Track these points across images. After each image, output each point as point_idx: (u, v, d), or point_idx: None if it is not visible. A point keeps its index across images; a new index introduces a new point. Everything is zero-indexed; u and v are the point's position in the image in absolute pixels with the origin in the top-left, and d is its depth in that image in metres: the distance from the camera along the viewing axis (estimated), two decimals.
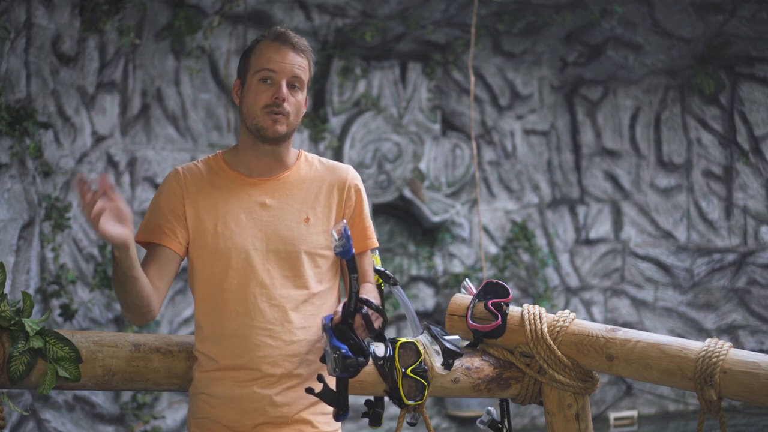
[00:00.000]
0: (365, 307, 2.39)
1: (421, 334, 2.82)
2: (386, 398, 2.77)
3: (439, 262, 7.99)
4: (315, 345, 2.55)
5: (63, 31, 5.65)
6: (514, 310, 2.83)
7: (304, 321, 2.54)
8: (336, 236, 2.35)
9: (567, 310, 2.82)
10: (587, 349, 2.69)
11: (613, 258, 8.42)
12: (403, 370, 2.69)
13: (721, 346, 2.51)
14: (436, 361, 2.76)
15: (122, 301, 2.50)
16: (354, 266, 2.37)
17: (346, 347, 2.37)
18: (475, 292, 2.88)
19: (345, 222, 2.40)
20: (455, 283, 7.84)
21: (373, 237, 2.69)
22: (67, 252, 5.85)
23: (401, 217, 7.98)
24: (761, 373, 2.40)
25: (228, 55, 6.83)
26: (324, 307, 2.58)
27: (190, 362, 2.63)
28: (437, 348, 2.79)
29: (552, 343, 2.72)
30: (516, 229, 8.16)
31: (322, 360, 2.42)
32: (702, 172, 8.36)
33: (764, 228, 8.18)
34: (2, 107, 5.13)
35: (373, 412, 2.73)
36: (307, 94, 2.64)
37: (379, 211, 7.74)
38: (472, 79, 6.51)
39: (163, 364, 2.64)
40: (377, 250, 2.82)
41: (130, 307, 2.50)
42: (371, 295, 2.60)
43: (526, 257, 8.16)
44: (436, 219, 7.93)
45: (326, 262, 2.61)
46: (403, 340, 2.73)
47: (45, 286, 5.60)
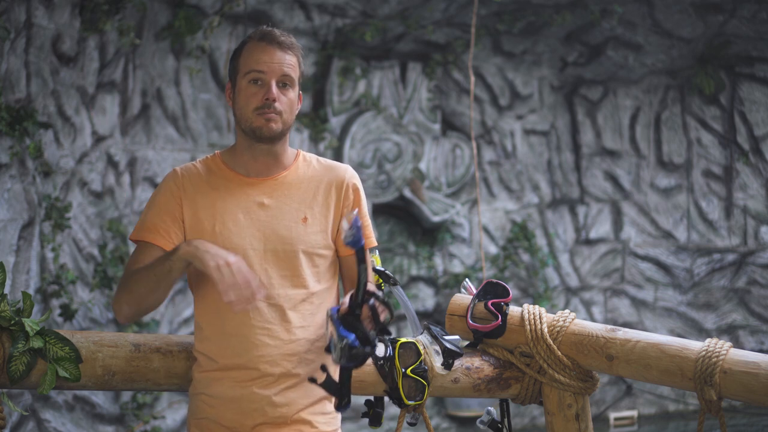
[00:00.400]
0: (372, 299, 2.39)
1: (421, 334, 2.82)
2: (386, 398, 2.77)
3: (439, 262, 7.99)
4: (314, 344, 2.55)
5: (63, 31, 5.65)
6: (514, 310, 2.83)
7: (302, 320, 2.54)
8: (347, 226, 2.35)
9: (567, 310, 2.82)
10: (587, 349, 2.69)
11: (613, 258, 8.41)
12: (403, 370, 2.70)
13: (721, 346, 2.52)
14: (436, 361, 2.76)
15: (136, 298, 2.48)
16: (363, 257, 2.36)
17: (353, 336, 2.36)
18: (475, 292, 2.89)
19: (356, 212, 2.40)
20: (455, 283, 7.84)
21: (372, 237, 2.68)
22: (67, 252, 5.85)
23: (401, 217, 7.98)
24: (761, 373, 2.40)
25: (228, 55, 6.83)
26: (323, 307, 2.58)
27: (190, 362, 2.63)
28: (437, 348, 2.79)
29: (552, 343, 2.72)
30: (516, 229, 8.15)
31: (327, 350, 2.42)
32: (702, 172, 8.35)
33: (764, 228, 8.17)
34: (2, 107, 5.13)
35: (373, 412, 2.73)
36: (300, 91, 2.64)
37: (379, 211, 7.74)
38: (472, 79, 6.51)
39: (163, 364, 2.64)
40: (377, 250, 2.82)
41: (141, 304, 2.49)
42: None
43: (526, 257, 8.16)
44: (436, 219, 7.93)
45: (324, 261, 2.60)
46: (403, 340, 2.74)
47: (45, 286, 5.59)
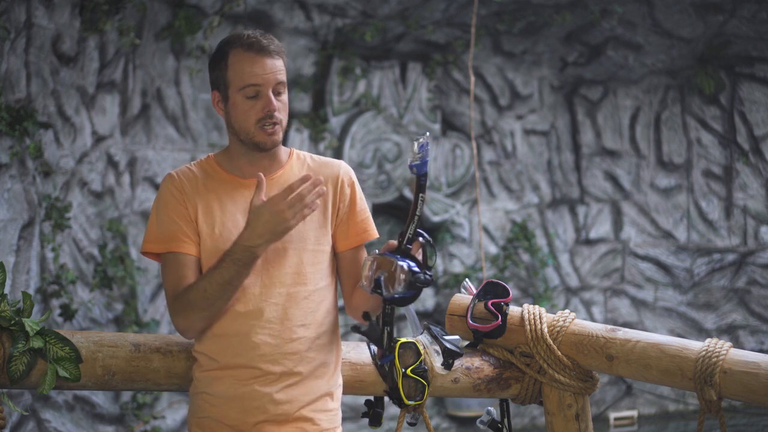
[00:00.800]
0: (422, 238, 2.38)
1: (421, 334, 2.82)
2: (386, 398, 2.77)
3: (439, 262, 7.99)
4: (314, 342, 2.55)
5: (63, 31, 5.65)
6: (514, 310, 2.83)
7: (303, 318, 2.54)
8: (416, 148, 2.32)
9: (567, 310, 2.82)
10: (587, 349, 2.69)
11: (613, 258, 8.41)
12: (403, 370, 2.69)
13: (721, 346, 2.52)
14: (436, 361, 2.76)
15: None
16: (424, 185, 2.34)
17: (414, 263, 2.33)
18: (475, 292, 2.89)
19: (428, 134, 2.38)
20: (455, 283, 7.84)
21: (373, 229, 2.65)
22: (67, 252, 5.85)
23: (401, 217, 7.98)
24: (761, 373, 2.40)
25: None
26: (323, 304, 2.57)
27: (190, 362, 2.63)
28: (437, 348, 2.79)
29: (552, 343, 2.72)
30: (516, 229, 8.15)
31: (375, 290, 2.38)
32: (702, 172, 8.35)
33: (764, 228, 8.17)
34: (2, 107, 5.13)
35: (373, 412, 2.73)
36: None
37: (379, 211, 7.74)
38: (472, 79, 6.51)
39: (163, 364, 2.64)
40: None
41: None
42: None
43: (526, 257, 8.16)
44: (436, 219, 7.93)
45: (324, 258, 2.60)
46: (403, 340, 2.73)
47: (45, 286, 5.59)
